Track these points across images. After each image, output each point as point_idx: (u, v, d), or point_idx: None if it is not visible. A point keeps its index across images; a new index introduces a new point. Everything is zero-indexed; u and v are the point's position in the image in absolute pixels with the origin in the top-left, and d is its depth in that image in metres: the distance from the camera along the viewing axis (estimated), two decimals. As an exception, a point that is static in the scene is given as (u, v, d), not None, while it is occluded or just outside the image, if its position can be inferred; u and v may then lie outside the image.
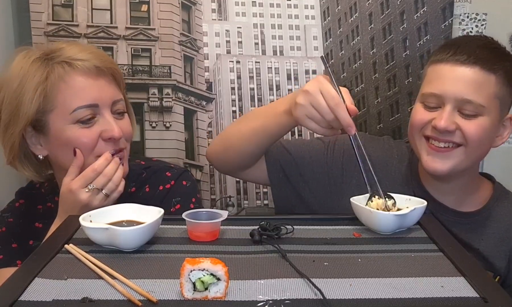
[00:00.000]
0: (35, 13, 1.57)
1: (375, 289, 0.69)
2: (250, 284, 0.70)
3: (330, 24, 1.65)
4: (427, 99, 1.11)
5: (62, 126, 1.05)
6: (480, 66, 1.07)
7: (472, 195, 1.21)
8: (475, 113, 1.08)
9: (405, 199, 0.97)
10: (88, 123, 1.06)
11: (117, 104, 1.10)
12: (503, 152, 1.74)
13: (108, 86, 1.09)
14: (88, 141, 1.06)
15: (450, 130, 1.08)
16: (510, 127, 1.17)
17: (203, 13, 1.63)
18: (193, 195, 1.21)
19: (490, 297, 0.66)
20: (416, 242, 0.86)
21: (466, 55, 1.07)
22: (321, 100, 0.99)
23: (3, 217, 1.22)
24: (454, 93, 1.07)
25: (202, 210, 0.90)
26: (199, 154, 1.69)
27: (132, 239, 0.80)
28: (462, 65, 1.07)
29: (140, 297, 0.66)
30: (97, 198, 1.04)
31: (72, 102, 1.05)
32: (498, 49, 1.15)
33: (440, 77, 1.10)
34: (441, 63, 1.10)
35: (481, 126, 1.08)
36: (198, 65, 1.66)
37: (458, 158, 1.10)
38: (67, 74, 1.05)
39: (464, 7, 1.65)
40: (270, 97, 1.68)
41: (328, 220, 0.97)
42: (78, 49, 1.08)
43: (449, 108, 1.07)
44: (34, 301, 0.65)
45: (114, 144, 1.08)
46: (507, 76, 1.11)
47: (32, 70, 1.05)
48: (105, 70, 1.08)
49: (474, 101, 1.06)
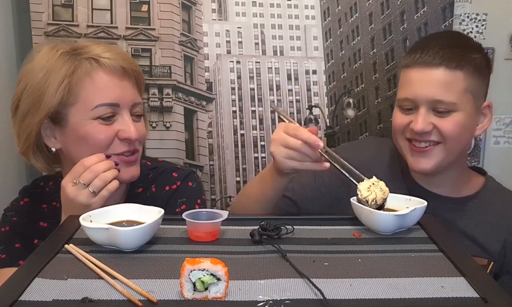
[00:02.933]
0: (35, 13, 1.58)
1: (375, 289, 0.69)
2: (250, 284, 0.70)
3: (330, 24, 1.65)
4: (403, 104, 1.16)
5: (82, 120, 1.07)
6: (445, 66, 1.10)
7: (464, 184, 1.25)
8: (448, 110, 1.11)
9: (405, 199, 0.97)
10: (107, 121, 1.07)
11: (136, 107, 1.12)
12: (503, 152, 1.75)
13: (131, 88, 1.11)
14: (105, 138, 1.07)
15: (427, 131, 1.12)
16: (489, 114, 1.20)
17: (203, 13, 1.63)
18: (199, 196, 1.22)
19: (490, 297, 0.66)
20: (416, 242, 0.86)
21: (431, 57, 1.11)
22: (284, 135, 1.05)
23: (6, 215, 1.22)
24: (425, 95, 1.11)
25: (202, 210, 0.90)
26: (199, 154, 1.69)
27: (132, 239, 0.81)
28: (428, 67, 1.11)
29: (140, 297, 0.66)
30: (82, 194, 1.02)
31: (95, 99, 1.06)
32: (464, 44, 1.16)
33: (410, 81, 1.14)
34: (409, 67, 1.15)
35: (456, 122, 1.12)
36: (198, 65, 1.66)
37: (440, 154, 1.15)
38: (94, 70, 1.07)
39: (464, 7, 1.65)
40: (270, 97, 1.68)
41: (328, 220, 0.97)
42: (105, 48, 1.11)
43: (423, 110, 1.12)
44: (34, 301, 0.65)
45: (129, 145, 1.10)
46: (477, 68, 1.13)
47: (59, 63, 1.06)
48: (130, 72, 1.11)
49: (445, 100, 1.10)
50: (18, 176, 1.64)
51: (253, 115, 1.69)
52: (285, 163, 1.06)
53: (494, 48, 1.68)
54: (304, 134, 1.03)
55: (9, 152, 1.60)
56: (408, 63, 1.16)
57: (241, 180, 1.69)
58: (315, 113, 1.68)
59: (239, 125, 1.69)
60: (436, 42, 1.14)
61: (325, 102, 1.68)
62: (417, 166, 1.17)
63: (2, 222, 1.22)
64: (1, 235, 1.20)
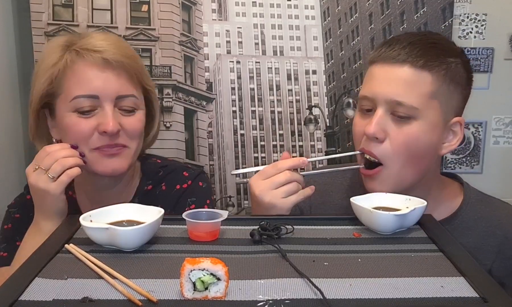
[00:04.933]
0: (35, 13, 1.58)
1: (375, 289, 0.69)
2: (250, 284, 0.70)
3: (330, 24, 1.65)
4: (362, 103, 1.04)
5: (64, 112, 1.07)
6: (411, 64, 0.97)
7: (440, 204, 1.10)
8: (407, 116, 0.98)
9: (404, 199, 0.97)
10: (86, 114, 1.06)
11: (124, 100, 1.08)
12: (503, 152, 1.75)
13: (115, 80, 1.06)
14: (83, 131, 1.05)
15: (378, 137, 0.99)
16: (460, 132, 1.04)
17: (203, 13, 1.63)
18: (208, 197, 1.21)
19: (490, 297, 0.66)
20: (416, 242, 0.86)
21: (396, 52, 0.98)
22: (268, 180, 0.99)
23: (10, 212, 1.21)
24: (384, 95, 0.98)
25: (202, 210, 0.90)
26: (199, 154, 1.69)
27: (132, 239, 0.81)
28: (391, 63, 0.98)
29: (140, 297, 0.66)
30: (41, 179, 1.01)
31: (73, 90, 1.05)
32: (439, 44, 1.02)
33: (372, 78, 1.02)
34: (373, 63, 1.03)
35: (413, 133, 0.98)
36: (198, 65, 1.66)
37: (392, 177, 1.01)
38: (74, 63, 1.06)
39: (464, 7, 1.65)
40: (270, 97, 1.68)
41: (328, 220, 0.97)
42: (98, 39, 1.08)
43: (380, 111, 0.99)
44: (34, 301, 0.65)
45: (109, 139, 1.06)
46: (450, 74, 0.99)
47: (50, 53, 1.08)
48: (113, 63, 1.05)
49: (406, 103, 0.97)
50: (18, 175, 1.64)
51: (253, 115, 1.69)
52: (284, 203, 0.99)
53: (493, 48, 1.68)
54: (286, 163, 0.99)
55: (9, 151, 1.60)
56: (372, 58, 1.03)
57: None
58: (315, 113, 1.69)
59: (239, 125, 1.69)
60: (407, 38, 1.01)
61: (325, 102, 1.68)
62: (371, 188, 1.03)
63: (5, 219, 1.22)
64: (4, 232, 1.20)
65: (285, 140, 1.70)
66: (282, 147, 1.70)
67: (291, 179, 0.99)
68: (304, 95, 1.68)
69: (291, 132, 1.70)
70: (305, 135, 1.70)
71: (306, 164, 1.00)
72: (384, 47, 1.01)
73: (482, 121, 1.73)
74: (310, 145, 1.71)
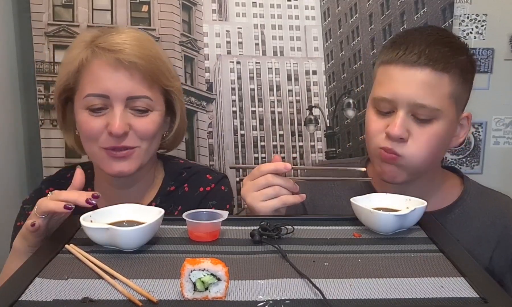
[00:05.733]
0: (35, 14, 1.58)
1: (375, 289, 0.69)
2: (250, 284, 0.70)
3: (331, 24, 1.65)
4: (379, 104, 1.04)
5: (78, 108, 1.09)
6: (432, 67, 0.99)
7: (441, 193, 1.13)
8: (430, 118, 1.01)
9: (405, 200, 0.97)
10: (96, 112, 1.06)
11: (136, 101, 1.06)
12: (503, 152, 1.75)
13: (127, 81, 1.05)
14: (92, 130, 1.06)
15: (403, 137, 1.01)
16: (467, 126, 1.10)
17: (203, 13, 1.63)
18: (229, 202, 1.22)
19: (490, 297, 0.66)
20: (416, 243, 0.87)
21: (416, 55, 0.99)
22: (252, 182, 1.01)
23: (24, 208, 1.21)
24: (406, 97, 1.00)
25: (202, 210, 0.90)
26: (199, 154, 1.69)
27: (133, 239, 0.81)
28: (412, 67, 0.99)
29: (140, 297, 0.66)
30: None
31: (86, 88, 1.07)
32: (451, 43, 1.04)
33: (390, 80, 1.02)
34: (390, 64, 1.02)
35: (435, 133, 1.01)
36: (199, 66, 1.66)
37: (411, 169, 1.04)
38: (90, 61, 1.07)
39: (464, 8, 1.65)
40: (270, 97, 1.68)
41: (328, 220, 0.97)
42: (118, 38, 1.07)
43: (402, 113, 1.00)
44: (35, 301, 0.65)
45: (116, 140, 1.06)
46: (463, 73, 1.03)
47: (73, 48, 1.10)
48: (126, 63, 1.04)
49: (428, 106, 0.99)
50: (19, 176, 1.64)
51: (253, 116, 1.69)
52: (263, 207, 0.99)
53: (494, 49, 1.68)
54: (268, 166, 0.99)
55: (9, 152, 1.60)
56: (389, 59, 1.03)
57: (241, 180, 1.69)
58: (315, 114, 1.69)
59: (239, 126, 1.69)
60: (422, 39, 1.02)
61: (325, 102, 1.68)
62: (387, 176, 1.06)
63: (19, 215, 1.22)
64: (16, 229, 1.19)
65: (285, 140, 1.70)
66: (282, 147, 1.70)
67: (271, 183, 0.99)
68: (304, 96, 1.68)
69: (291, 133, 1.70)
70: (305, 136, 1.70)
71: (288, 170, 1.00)
72: (402, 49, 1.01)
73: (482, 122, 1.73)
74: (310, 145, 1.71)
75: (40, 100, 1.60)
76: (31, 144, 1.66)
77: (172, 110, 1.17)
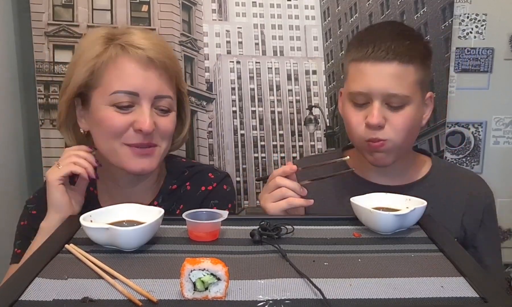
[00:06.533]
0: (35, 13, 1.58)
1: (375, 289, 0.69)
2: (250, 284, 0.70)
3: (330, 24, 1.65)
4: (356, 98, 1.16)
5: (100, 105, 1.06)
6: (399, 61, 1.11)
7: (412, 170, 1.27)
8: (402, 104, 1.13)
9: (404, 199, 0.97)
10: (124, 109, 1.06)
11: (161, 100, 1.08)
12: (503, 152, 1.75)
13: (156, 79, 1.07)
14: (118, 126, 1.05)
15: (381, 125, 1.13)
16: (431, 104, 1.23)
17: (203, 13, 1.63)
18: (231, 201, 1.22)
19: (490, 297, 0.66)
20: (416, 242, 0.87)
21: (384, 51, 1.11)
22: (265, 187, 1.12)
23: (27, 208, 1.21)
24: (379, 89, 1.12)
25: (202, 210, 0.90)
26: (199, 154, 1.69)
27: (133, 239, 0.81)
28: (382, 62, 1.11)
29: (140, 297, 0.66)
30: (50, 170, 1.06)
31: (114, 84, 1.05)
32: (411, 36, 1.17)
33: (363, 75, 1.13)
34: (361, 61, 1.14)
35: (408, 116, 1.14)
36: (199, 65, 1.66)
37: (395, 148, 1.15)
38: (119, 57, 1.06)
39: (464, 7, 1.65)
40: (270, 97, 1.68)
41: (328, 220, 0.97)
42: (141, 36, 1.08)
43: (377, 104, 1.12)
44: (35, 301, 0.65)
45: (143, 138, 1.07)
46: (423, 60, 1.15)
47: (92, 45, 1.07)
48: (157, 62, 1.06)
49: (399, 94, 1.11)
50: (19, 176, 1.64)
51: (253, 115, 1.69)
52: (272, 208, 1.08)
53: (493, 48, 1.68)
54: (277, 170, 1.11)
55: (9, 152, 1.60)
56: (360, 57, 1.14)
57: (241, 180, 1.69)
58: (315, 113, 1.69)
59: (239, 125, 1.69)
60: (387, 35, 1.13)
61: (325, 102, 1.68)
62: (378, 162, 1.18)
63: (22, 215, 1.22)
64: (20, 229, 1.20)
65: (285, 140, 1.70)
66: (282, 147, 1.70)
67: (278, 185, 1.09)
68: (304, 95, 1.68)
69: (291, 132, 1.70)
70: (305, 135, 1.70)
71: (293, 170, 1.09)
72: (371, 46, 1.12)
73: (482, 121, 1.73)
74: (310, 145, 1.71)
75: (40, 100, 1.60)
76: (31, 144, 1.66)
77: (181, 112, 1.19)
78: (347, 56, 1.20)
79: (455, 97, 1.70)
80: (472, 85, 1.69)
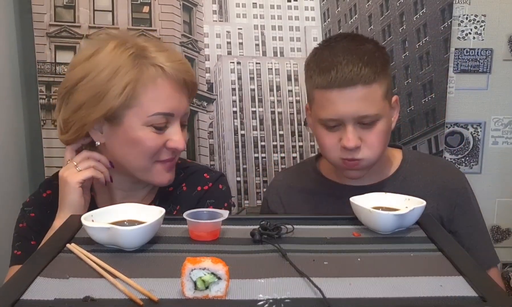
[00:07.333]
0: (37, 14, 1.58)
1: (375, 288, 0.69)
2: (251, 283, 0.70)
3: (330, 25, 1.66)
4: (327, 123, 1.15)
5: (136, 125, 1.06)
6: (363, 83, 1.10)
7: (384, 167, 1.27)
8: (373, 121, 1.13)
9: (404, 199, 0.97)
10: (160, 130, 1.08)
11: (184, 117, 1.13)
12: (502, 152, 1.75)
13: (185, 99, 1.12)
14: (154, 146, 1.08)
15: (358, 146, 1.13)
16: (397, 106, 1.24)
17: (204, 14, 1.64)
18: (226, 200, 1.23)
19: (489, 296, 0.66)
20: (415, 242, 0.87)
21: (348, 77, 1.10)
22: None
23: (25, 211, 1.21)
24: (349, 114, 1.11)
25: (203, 210, 0.90)
26: (200, 154, 1.69)
27: (134, 239, 0.81)
28: (347, 87, 1.10)
29: (141, 296, 0.66)
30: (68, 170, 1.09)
31: (154, 106, 1.06)
32: (367, 50, 1.14)
33: (331, 103, 1.13)
34: (326, 89, 1.12)
35: (381, 131, 1.14)
36: (199, 66, 1.67)
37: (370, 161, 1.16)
38: (159, 78, 1.06)
39: (463, 8, 1.66)
40: (270, 98, 1.69)
41: (328, 220, 0.97)
42: (169, 57, 1.09)
43: (350, 127, 1.12)
44: (36, 300, 0.66)
45: (173, 153, 1.11)
46: (383, 70, 1.14)
47: (127, 65, 1.04)
48: (190, 84, 1.11)
49: (370, 114, 1.12)
50: (21, 176, 1.64)
51: (254, 116, 1.69)
52: None
53: (492, 49, 1.68)
54: None
55: (11, 152, 1.61)
56: (324, 85, 1.12)
57: (241, 180, 1.70)
58: (315, 114, 1.69)
59: (240, 126, 1.69)
60: (345, 57, 1.11)
61: (325, 103, 1.69)
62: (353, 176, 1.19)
63: (20, 218, 1.22)
64: (19, 231, 1.20)
65: (285, 140, 1.71)
66: (282, 147, 1.71)
67: None
68: (304, 96, 1.69)
69: (291, 133, 1.71)
70: (305, 136, 1.70)
71: None
72: (333, 74, 1.10)
73: (481, 122, 1.74)
74: (310, 145, 1.72)
75: (41, 100, 1.61)
76: (33, 144, 1.66)
77: None
78: (309, 81, 1.18)
79: (454, 97, 1.70)
80: (471, 85, 1.69)
